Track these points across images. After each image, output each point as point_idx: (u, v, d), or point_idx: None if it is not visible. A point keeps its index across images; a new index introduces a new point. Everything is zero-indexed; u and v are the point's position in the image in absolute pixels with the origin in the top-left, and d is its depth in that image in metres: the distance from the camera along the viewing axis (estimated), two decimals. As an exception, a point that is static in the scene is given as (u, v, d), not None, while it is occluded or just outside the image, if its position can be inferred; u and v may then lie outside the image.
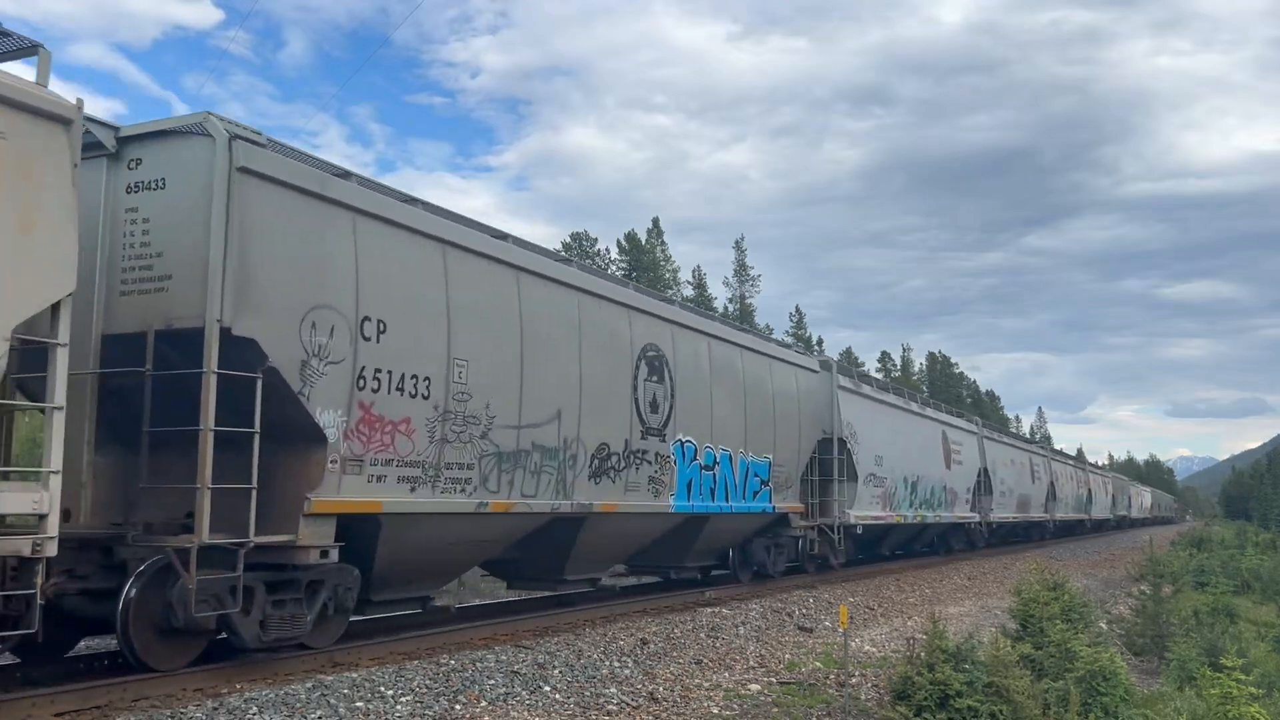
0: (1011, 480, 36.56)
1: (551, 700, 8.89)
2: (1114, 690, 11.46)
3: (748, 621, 13.94)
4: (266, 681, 8.38)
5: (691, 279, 68.85)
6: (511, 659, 9.84)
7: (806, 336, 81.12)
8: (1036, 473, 41.85)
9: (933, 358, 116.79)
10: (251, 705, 7.40)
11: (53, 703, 7.14)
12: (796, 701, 10.19)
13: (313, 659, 9.28)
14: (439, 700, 8.29)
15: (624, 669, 10.30)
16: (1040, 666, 12.22)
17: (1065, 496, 48.21)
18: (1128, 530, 71.11)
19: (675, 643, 11.87)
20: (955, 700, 9.42)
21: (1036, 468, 42.27)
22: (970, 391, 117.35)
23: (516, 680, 9.22)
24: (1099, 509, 58.60)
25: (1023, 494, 38.45)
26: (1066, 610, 14.38)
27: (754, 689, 10.43)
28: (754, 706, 9.72)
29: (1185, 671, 15.21)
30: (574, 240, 58.82)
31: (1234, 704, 11.85)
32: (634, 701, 9.23)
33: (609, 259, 59.30)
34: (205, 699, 7.58)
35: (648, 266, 59.25)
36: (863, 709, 10.32)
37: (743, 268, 75.20)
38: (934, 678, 9.54)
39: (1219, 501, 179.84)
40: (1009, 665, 10.11)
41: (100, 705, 7.35)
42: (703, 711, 9.27)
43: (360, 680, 8.38)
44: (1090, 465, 72.49)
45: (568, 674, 9.70)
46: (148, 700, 7.56)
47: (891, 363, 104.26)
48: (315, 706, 7.62)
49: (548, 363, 11.82)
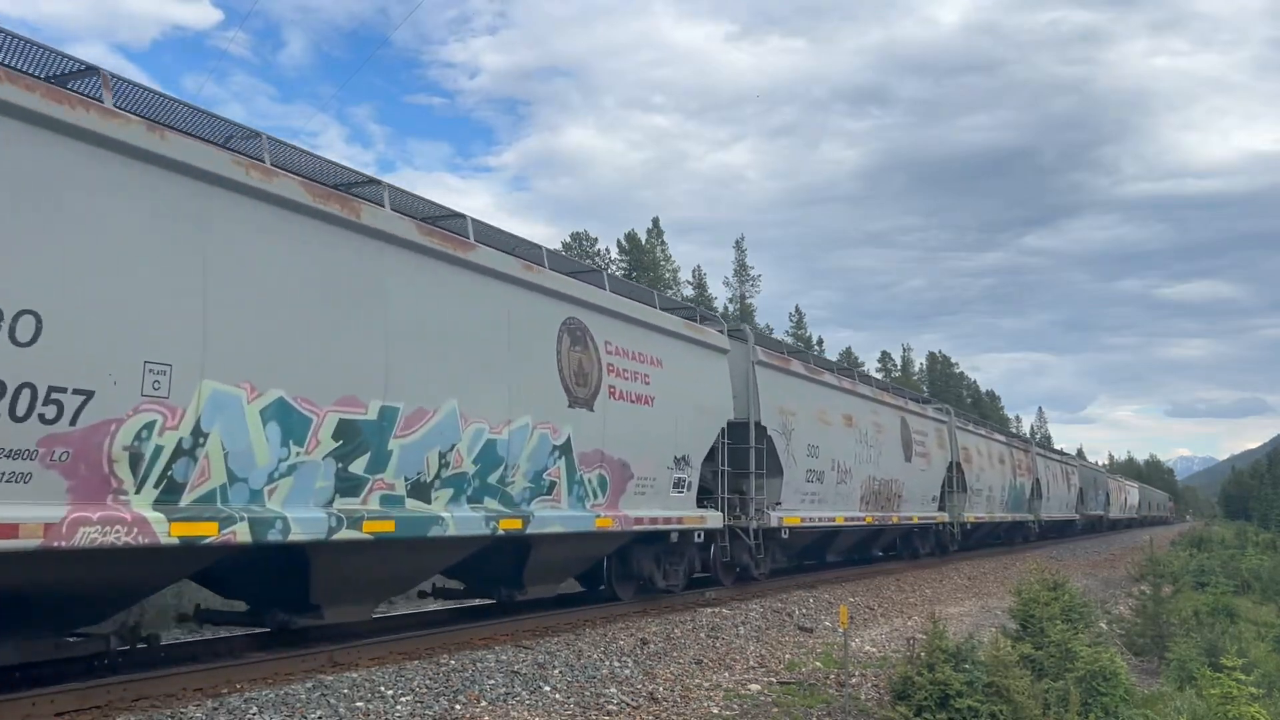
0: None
1: (551, 700, 8.89)
2: (1114, 690, 11.46)
3: (748, 621, 13.94)
4: (266, 681, 8.38)
5: (692, 279, 68.90)
6: (511, 659, 9.84)
7: (806, 336, 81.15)
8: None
9: (933, 358, 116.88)
10: (251, 705, 7.40)
11: (53, 702, 7.13)
12: (796, 701, 10.18)
13: (313, 659, 9.28)
14: (439, 700, 8.29)
15: (624, 669, 10.29)
16: (1040, 666, 12.22)
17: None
18: (1104, 534, 58.70)
19: (675, 643, 11.87)
20: (955, 700, 9.42)
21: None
22: (970, 391, 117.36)
23: (516, 680, 9.21)
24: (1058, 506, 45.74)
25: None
26: (1067, 610, 14.38)
27: (754, 689, 10.42)
28: (754, 706, 9.72)
29: (1185, 671, 15.21)
30: (574, 240, 58.82)
31: (1234, 704, 11.84)
32: (634, 701, 9.23)
33: (609, 259, 59.30)
34: (205, 699, 7.57)
35: (648, 266, 59.26)
36: (863, 709, 10.32)
37: (743, 267, 75.24)
38: (934, 678, 9.54)
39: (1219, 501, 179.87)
40: (1009, 665, 10.10)
41: (100, 705, 7.34)
42: (703, 711, 9.27)
43: (360, 680, 8.38)
44: (1058, 453, 56.35)
45: (568, 674, 9.70)
46: (148, 700, 7.55)
47: (892, 362, 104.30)
48: (315, 706, 7.61)
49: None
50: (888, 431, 23.29)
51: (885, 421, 23.32)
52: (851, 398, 21.57)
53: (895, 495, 23.39)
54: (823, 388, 20.02)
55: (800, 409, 18.35)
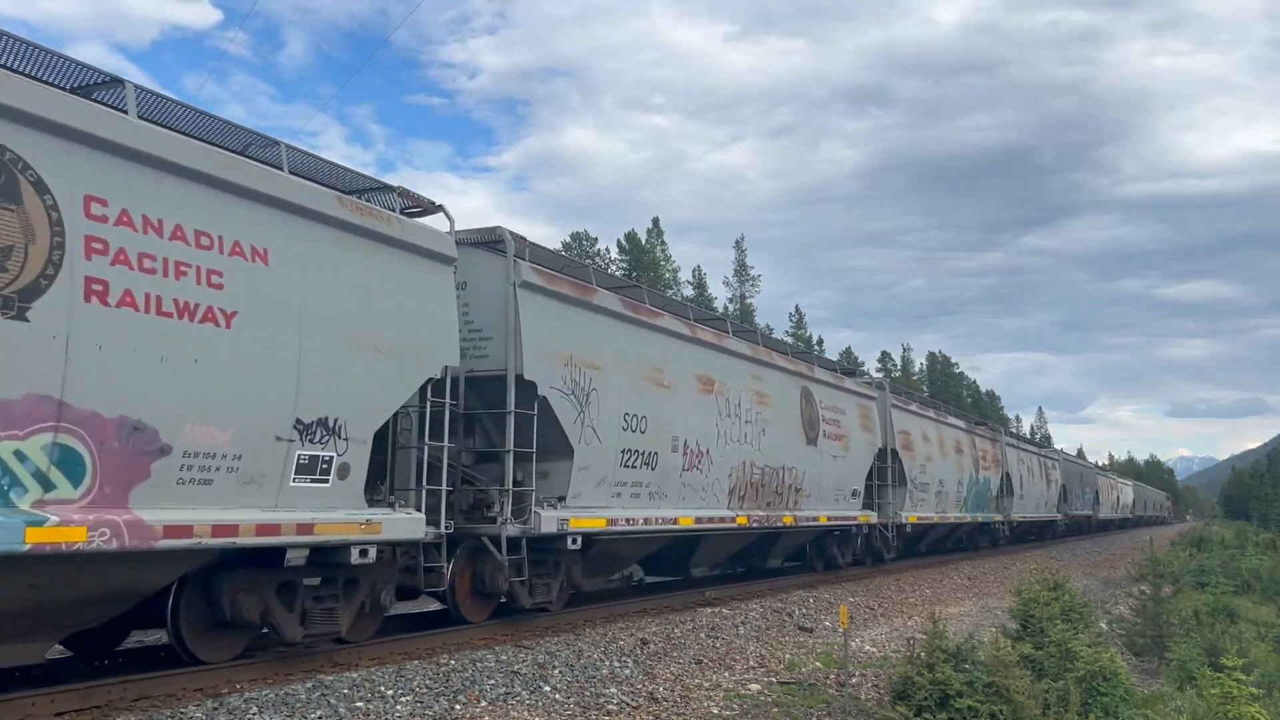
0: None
1: (551, 700, 8.89)
2: (1114, 690, 11.47)
3: (748, 621, 13.94)
4: (266, 681, 8.38)
5: (691, 279, 68.92)
6: (511, 659, 9.84)
7: (807, 336, 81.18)
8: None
9: (933, 358, 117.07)
10: (251, 705, 7.40)
11: (53, 702, 7.14)
12: (796, 701, 10.19)
13: (313, 659, 9.28)
14: (439, 700, 8.29)
15: (624, 669, 10.30)
16: (1040, 666, 12.22)
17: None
18: (1092, 536, 53.12)
19: (675, 643, 11.87)
20: (955, 700, 9.42)
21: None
22: (970, 391, 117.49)
23: (516, 680, 9.22)
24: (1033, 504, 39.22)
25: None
26: (1067, 610, 14.38)
27: (754, 689, 10.43)
28: (754, 706, 9.72)
29: (1185, 671, 15.22)
30: (574, 240, 58.85)
31: (1234, 704, 11.85)
32: (634, 701, 9.23)
33: (609, 259, 59.32)
34: (205, 699, 7.58)
35: (648, 266, 59.29)
36: (863, 709, 10.32)
37: (743, 267, 75.33)
38: (934, 678, 9.54)
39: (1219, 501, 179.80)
40: (1009, 665, 10.10)
41: (100, 705, 7.35)
42: (703, 711, 9.27)
43: (360, 680, 8.38)
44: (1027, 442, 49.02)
45: (568, 674, 9.71)
46: (148, 700, 7.56)
47: (892, 362, 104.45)
48: (315, 706, 7.62)
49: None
50: (778, 405, 17.62)
51: (774, 391, 17.57)
52: (712, 353, 15.61)
53: (791, 489, 17.90)
54: (657, 334, 14.08)
55: (610, 361, 12.79)
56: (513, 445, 11.19)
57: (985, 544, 33.72)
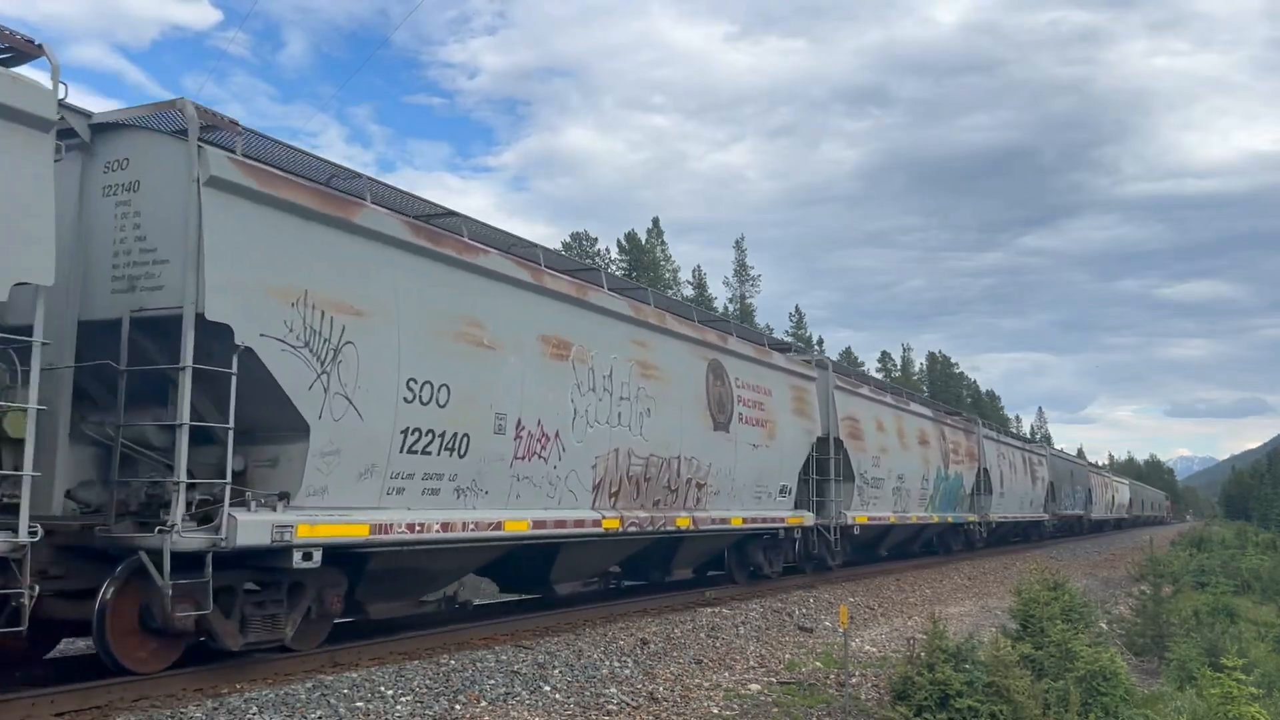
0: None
1: (551, 700, 8.89)
2: (1114, 690, 11.47)
3: (748, 621, 13.94)
4: (266, 681, 8.38)
5: (691, 279, 68.93)
6: (511, 659, 9.84)
7: (807, 336, 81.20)
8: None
9: (933, 358, 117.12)
10: (251, 705, 7.40)
11: (53, 703, 7.14)
12: (796, 701, 10.19)
13: (313, 659, 9.28)
14: (439, 700, 8.29)
15: (624, 669, 10.30)
16: (1040, 666, 12.22)
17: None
18: (1085, 537, 49.97)
19: (675, 643, 11.87)
20: (955, 700, 9.42)
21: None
22: (970, 391, 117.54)
23: (516, 680, 9.22)
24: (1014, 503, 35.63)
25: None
26: (1067, 610, 14.39)
27: (754, 689, 10.43)
28: (754, 706, 9.72)
29: (1185, 671, 15.22)
30: (574, 240, 58.86)
31: (1234, 704, 11.85)
32: (634, 701, 9.23)
33: (609, 259, 59.33)
34: (205, 699, 7.58)
35: (648, 266, 59.30)
36: (863, 709, 10.33)
37: (743, 267, 75.37)
38: (934, 678, 9.54)
39: (1219, 501, 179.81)
40: (1009, 665, 10.10)
41: (100, 705, 7.35)
42: (703, 711, 9.27)
43: (360, 680, 8.38)
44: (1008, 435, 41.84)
45: (568, 674, 9.71)
46: (148, 700, 7.56)
47: (892, 362, 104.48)
48: (315, 706, 7.62)
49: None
50: (673, 380, 14.44)
51: (667, 362, 14.34)
52: (568, 308, 12.27)
53: (690, 484, 14.76)
54: (474, 276, 10.72)
55: (383, 307, 9.44)
56: (187, 418, 7.70)
57: (959, 547, 30.48)
